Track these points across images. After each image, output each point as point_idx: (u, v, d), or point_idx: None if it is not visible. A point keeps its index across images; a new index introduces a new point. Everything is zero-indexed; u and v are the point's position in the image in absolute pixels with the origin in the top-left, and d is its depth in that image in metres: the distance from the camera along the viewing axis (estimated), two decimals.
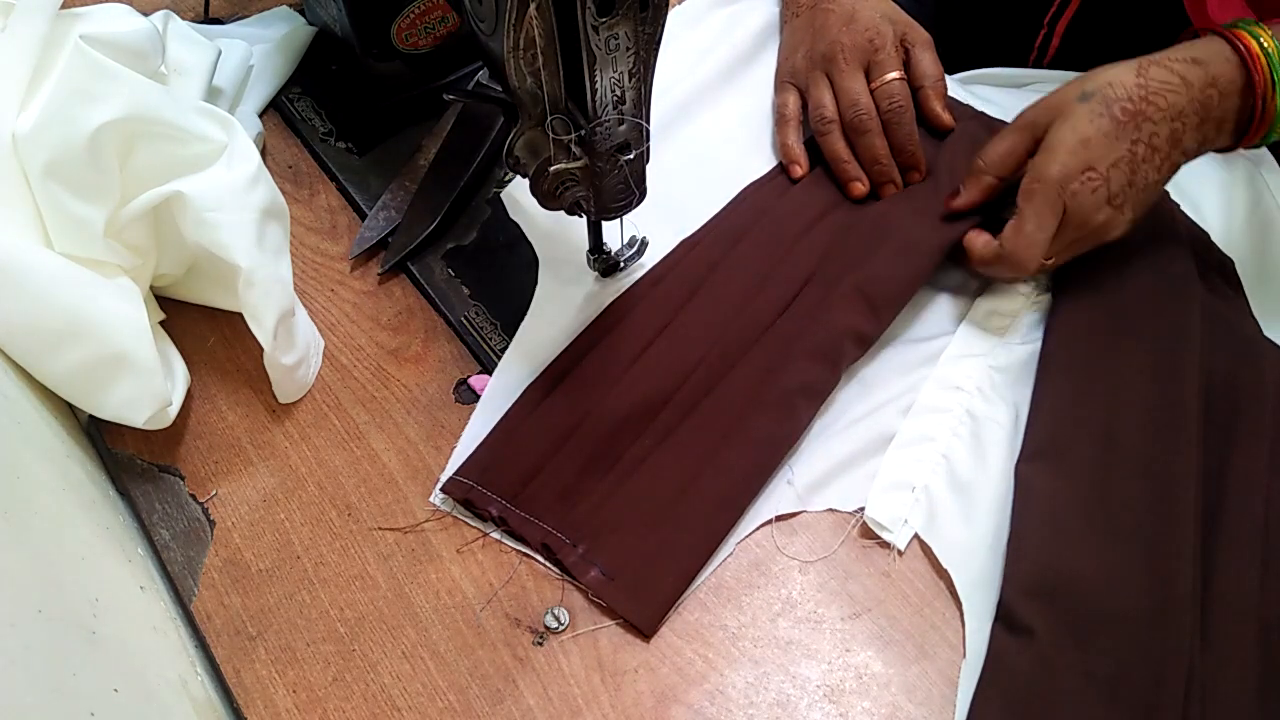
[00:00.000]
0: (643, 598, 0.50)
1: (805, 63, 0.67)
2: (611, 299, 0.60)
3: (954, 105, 0.66)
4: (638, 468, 0.53)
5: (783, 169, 0.66)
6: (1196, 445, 0.52)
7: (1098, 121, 0.54)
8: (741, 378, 0.56)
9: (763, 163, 0.67)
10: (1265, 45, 0.53)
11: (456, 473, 0.53)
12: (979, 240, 0.58)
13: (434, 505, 0.54)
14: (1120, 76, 0.54)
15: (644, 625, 0.49)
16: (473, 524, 0.53)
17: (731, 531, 0.52)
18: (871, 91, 0.64)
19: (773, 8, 0.75)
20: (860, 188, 0.63)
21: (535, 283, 0.61)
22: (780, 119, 0.68)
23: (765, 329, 0.58)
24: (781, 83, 0.69)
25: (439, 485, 0.54)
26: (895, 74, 0.64)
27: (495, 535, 0.53)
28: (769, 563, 0.52)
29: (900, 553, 0.52)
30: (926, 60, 0.65)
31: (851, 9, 0.66)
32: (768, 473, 0.53)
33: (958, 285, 0.62)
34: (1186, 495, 0.51)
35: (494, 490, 0.52)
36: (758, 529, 0.53)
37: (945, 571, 0.51)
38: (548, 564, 0.52)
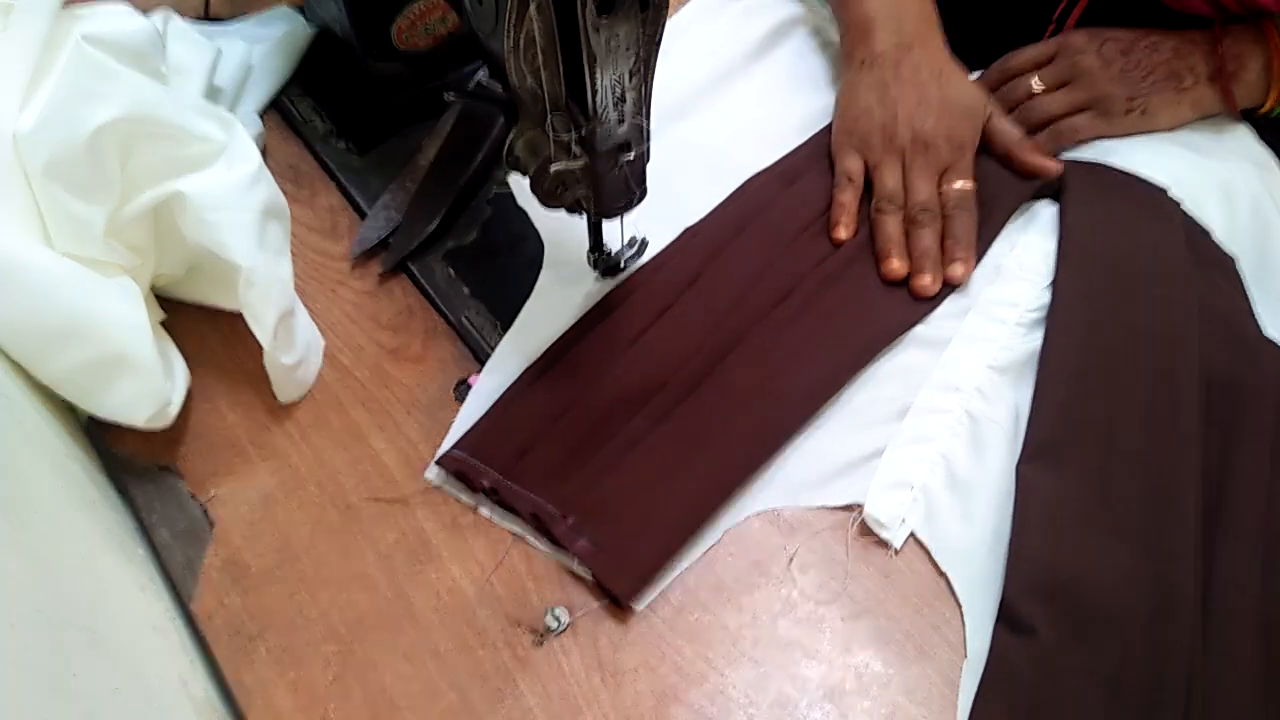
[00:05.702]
0: (627, 570, 0.50)
1: (880, 140, 0.64)
2: (611, 287, 0.60)
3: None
4: (631, 448, 0.53)
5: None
6: (1196, 445, 0.53)
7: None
8: (738, 365, 0.56)
9: (766, 161, 0.67)
10: None
11: (452, 447, 0.54)
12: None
13: (428, 480, 0.54)
14: None
15: (625, 595, 0.49)
16: (465, 499, 0.53)
17: (719, 514, 0.52)
18: (940, 190, 0.63)
19: (784, 9, 0.74)
20: (895, 266, 0.60)
21: (536, 281, 0.61)
22: (843, 181, 0.64)
23: (764, 317, 0.58)
24: (847, 147, 0.65)
25: (434, 460, 0.54)
26: (967, 184, 0.63)
27: (485, 511, 0.53)
28: (769, 563, 0.52)
29: (897, 551, 0.52)
30: (1001, 126, 0.65)
31: (940, 94, 0.64)
32: (760, 460, 0.54)
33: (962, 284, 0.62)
34: (1187, 495, 0.51)
35: (487, 463, 0.53)
36: (747, 519, 0.53)
37: (945, 572, 0.51)
38: (537, 540, 0.52)
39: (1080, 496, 0.52)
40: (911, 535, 0.52)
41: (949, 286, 0.61)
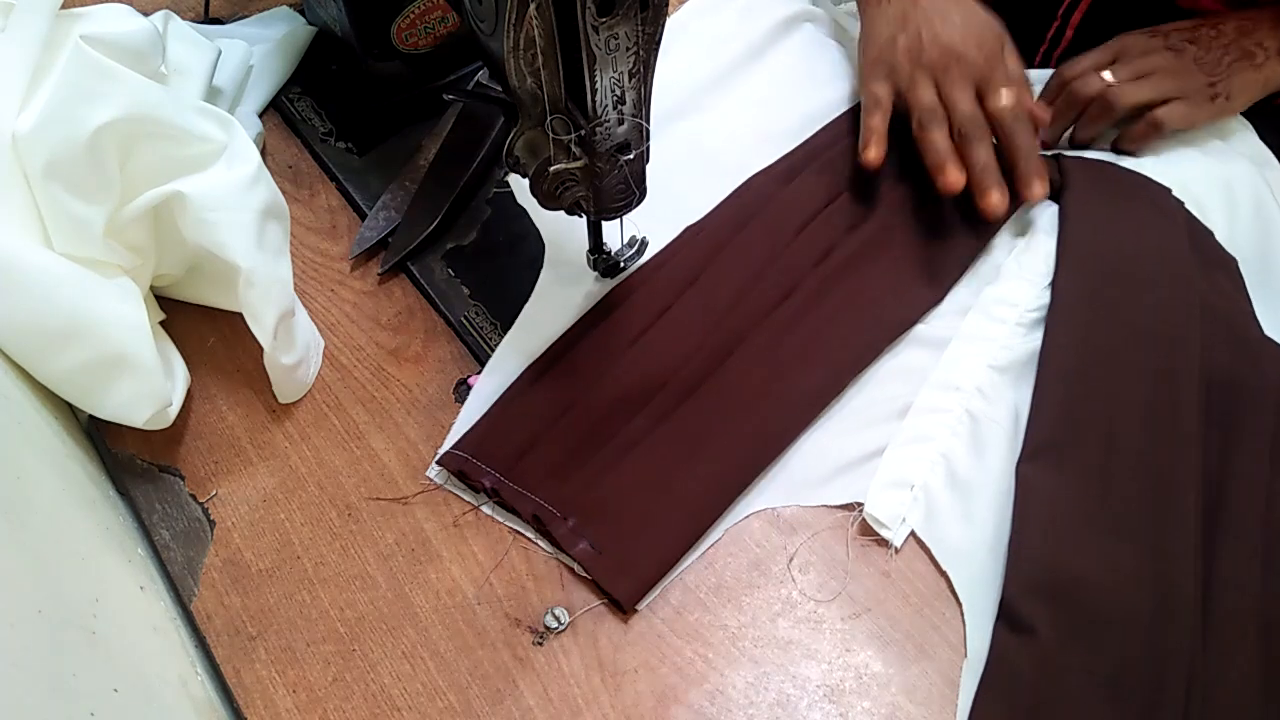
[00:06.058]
0: (628, 573, 0.50)
1: (907, 61, 0.63)
2: (611, 287, 0.60)
3: None
4: (632, 448, 0.53)
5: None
6: (1197, 445, 0.53)
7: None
8: (739, 365, 0.56)
9: (767, 161, 0.67)
10: None
11: (453, 446, 0.54)
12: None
13: (429, 480, 0.54)
14: None
15: (625, 600, 0.50)
16: (466, 498, 0.54)
17: (721, 517, 0.52)
18: (986, 107, 0.61)
19: (783, 8, 0.74)
20: (954, 177, 0.59)
21: (536, 281, 0.61)
22: (871, 106, 0.64)
23: (765, 316, 0.58)
24: (874, 75, 0.65)
25: (435, 459, 0.54)
26: (1013, 95, 0.60)
27: (487, 510, 0.53)
28: (769, 563, 0.52)
29: (897, 550, 0.52)
30: (1011, 62, 0.64)
31: (961, 13, 0.63)
32: (763, 463, 0.54)
33: (963, 281, 0.62)
34: (1187, 495, 0.51)
35: (488, 463, 0.53)
36: (747, 518, 0.53)
37: (945, 571, 0.51)
38: (538, 540, 0.52)
39: (1080, 496, 0.52)
40: (911, 535, 0.52)
41: (970, 252, 0.61)
